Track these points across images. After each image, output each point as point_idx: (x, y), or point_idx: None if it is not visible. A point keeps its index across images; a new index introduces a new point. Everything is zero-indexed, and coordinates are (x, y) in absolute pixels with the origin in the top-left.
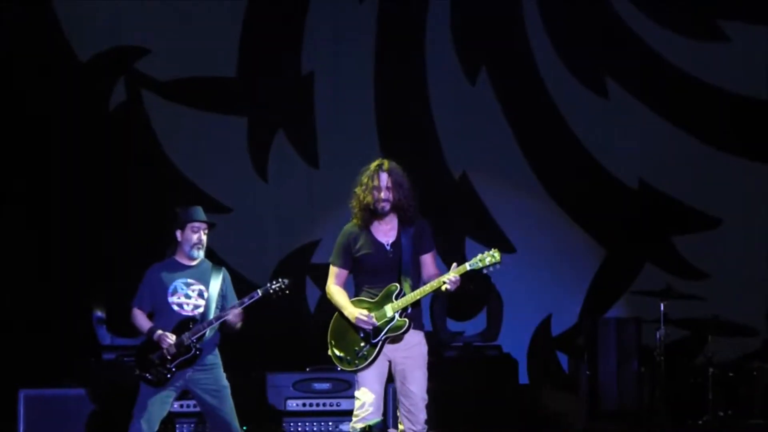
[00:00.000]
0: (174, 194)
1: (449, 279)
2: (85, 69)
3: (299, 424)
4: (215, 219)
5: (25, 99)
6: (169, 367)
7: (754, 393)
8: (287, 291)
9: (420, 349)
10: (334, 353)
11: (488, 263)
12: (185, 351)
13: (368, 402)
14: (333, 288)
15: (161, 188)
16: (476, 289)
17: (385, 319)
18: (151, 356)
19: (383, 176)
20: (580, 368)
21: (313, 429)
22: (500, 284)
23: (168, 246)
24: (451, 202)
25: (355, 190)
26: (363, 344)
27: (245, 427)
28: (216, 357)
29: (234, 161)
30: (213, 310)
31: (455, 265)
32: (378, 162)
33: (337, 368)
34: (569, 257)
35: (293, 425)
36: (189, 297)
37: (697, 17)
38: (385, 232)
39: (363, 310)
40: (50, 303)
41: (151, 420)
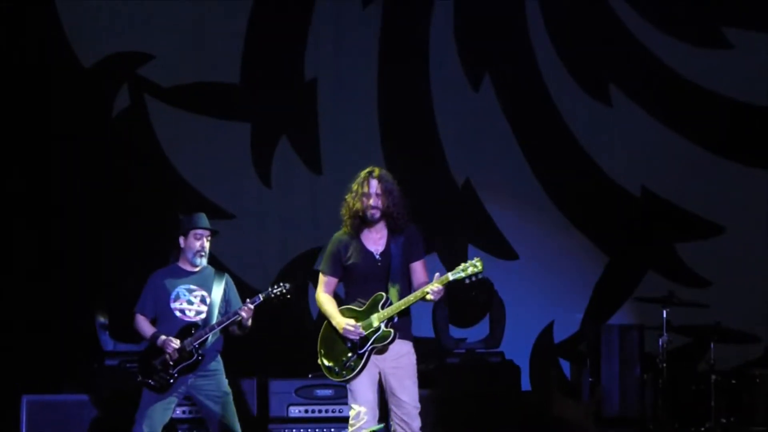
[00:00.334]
0: (177, 200)
1: (432, 290)
2: (89, 75)
3: (302, 431)
4: (218, 225)
5: (29, 104)
6: (172, 373)
7: (757, 400)
8: (288, 295)
9: (409, 359)
10: (323, 363)
11: (470, 273)
12: (187, 356)
13: (363, 411)
14: (322, 296)
15: (164, 194)
16: (479, 296)
17: (371, 329)
18: (154, 362)
19: (373, 183)
20: (583, 375)
21: None
22: (503, 291)
23: (171, 252)
24: (454, 209)
25: (346, 198)
26: (350, 354)
27: None
28: (218, 363)
29: (237, 167)
30: (215, 316)
31: (438, 275)
32: (368, 169)
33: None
34: (572, 264)
35: None
36: (191, 303)
37: (701, 24)
38: (375, 241)
39: (350, 320)
40: (53, 308)
41: (154, 426)
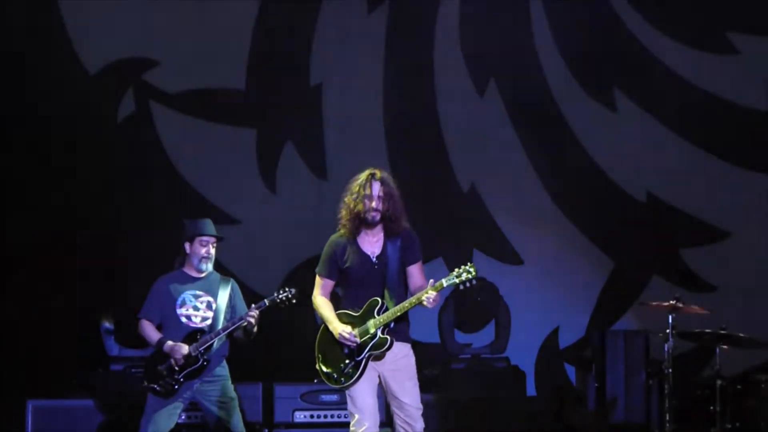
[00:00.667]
0: (182, 206)
1: (427, 297)
2: (94, 81)
3: None
4: (224, 230)
5: (34, 110)
6: (177, 378)
7: (762, 405)
8: (294, 300)
9: (408, 361)
10: (321, 369)
11: (464, 279)
12: (193, 361)
13: (363, 417)
14: (319, 299)
15: (169, 200)
16: (484, 301)
17: (368, 336)
18: (159, 367)
19: (375, 185)
20: (588, 380)
21: None
22: (508, 296)
23: (176, 258)
24: (460, 214)
25: (345, 200)
26: (348, 361)
27: None
28: (224, 369)
29: (242, 173)
30: (221, 322)
31: (432, 282)
32: (370, 171)
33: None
34: (577, 269)
35: None
36: (197, 309)
37: (706, 29)
38: (371, 243)
39: (347, 327)
40: (58, 313)
41: (159, 431)
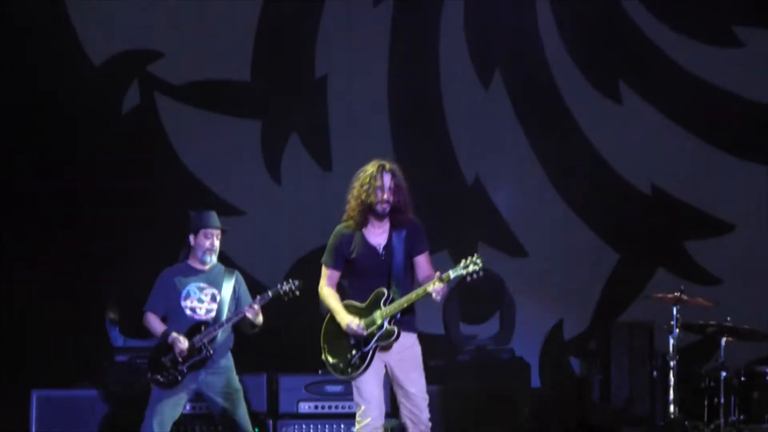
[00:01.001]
0: (187, 197)
1: (435, 289)
2: (99, 72)
3: (311, 427)
4: (229, 222)
5: (39, 102)
6: (180, 369)
7: (767, 397)
8: (297, 292)
9: (413, 351)
10: (327, 360)
11: (471, 270)
12: (196, 353)
13: (369, 407)
14: (325, 290)
15: (174, 191)
16: (489, 293)
17: (375, 326)
18: (163, 359)
19: (387, 177)
20: (593, 372)
21: (326, 431)
22: (513, 288)
23: (181, 249)
24: (464, 206)
25: (354, 191)
26: (354, 352)
27: (257, 429)
28: (229, 360)
29: (247, 164)
30: (225, 314)
31: (439, 274)
32: (379, 163)
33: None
34: (582, 261)
35: (305, 428)
36: (202, 301)
37: (711, 22)
38: (377, 235)
39: (354, 318)
40: (63, 304)
41: (163, 422)
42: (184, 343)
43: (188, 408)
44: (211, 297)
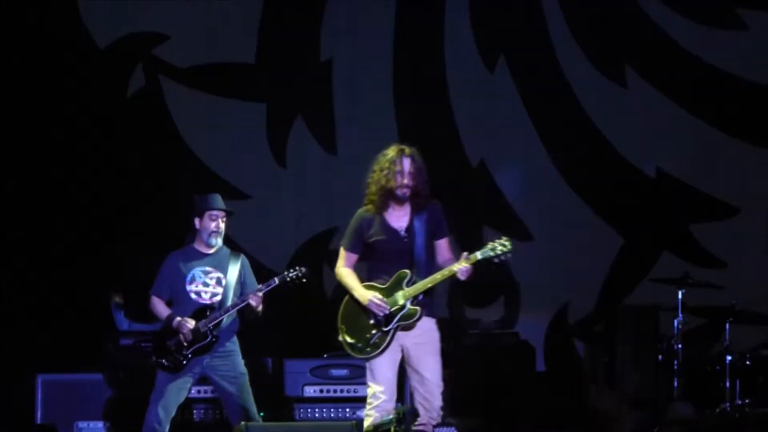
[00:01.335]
0: (192, 181)
1: (460, 269)
2: (104, 55)
3: (317, 410)
4: (233, 205)
5: (44, 85)
6: (185, 354)
7: None
8: (304, 279)
9: (432, 335)
10: (345, 339)
11: (499, 252)
12: (201, 338)
13: (381, 390)
14: (343, 270)
15: (179, 175)
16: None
17: (397, 307)
18: (168, 343)
19: (406, 162)
20: (597, 356)
21: (331, 415)
22: (517, 272)
23: (186, 232)
24: (469, 190)
25: (374, 175)
26: (374, 331)
27: (262, 414)
28: (234, 344)
29: (252, 148)
30: (231, 298)
31: (466, 254)
32: (399, 147)
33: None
34: (586, 245)
35: (311, 411)
36: (207, 285)
37: (716, 5)
38: (399, 218)
39: (376, 293)
40: (68, 288)
41: (168, 406)
42: (191, 323)
43: (193, 392)
44: (217, 281)
